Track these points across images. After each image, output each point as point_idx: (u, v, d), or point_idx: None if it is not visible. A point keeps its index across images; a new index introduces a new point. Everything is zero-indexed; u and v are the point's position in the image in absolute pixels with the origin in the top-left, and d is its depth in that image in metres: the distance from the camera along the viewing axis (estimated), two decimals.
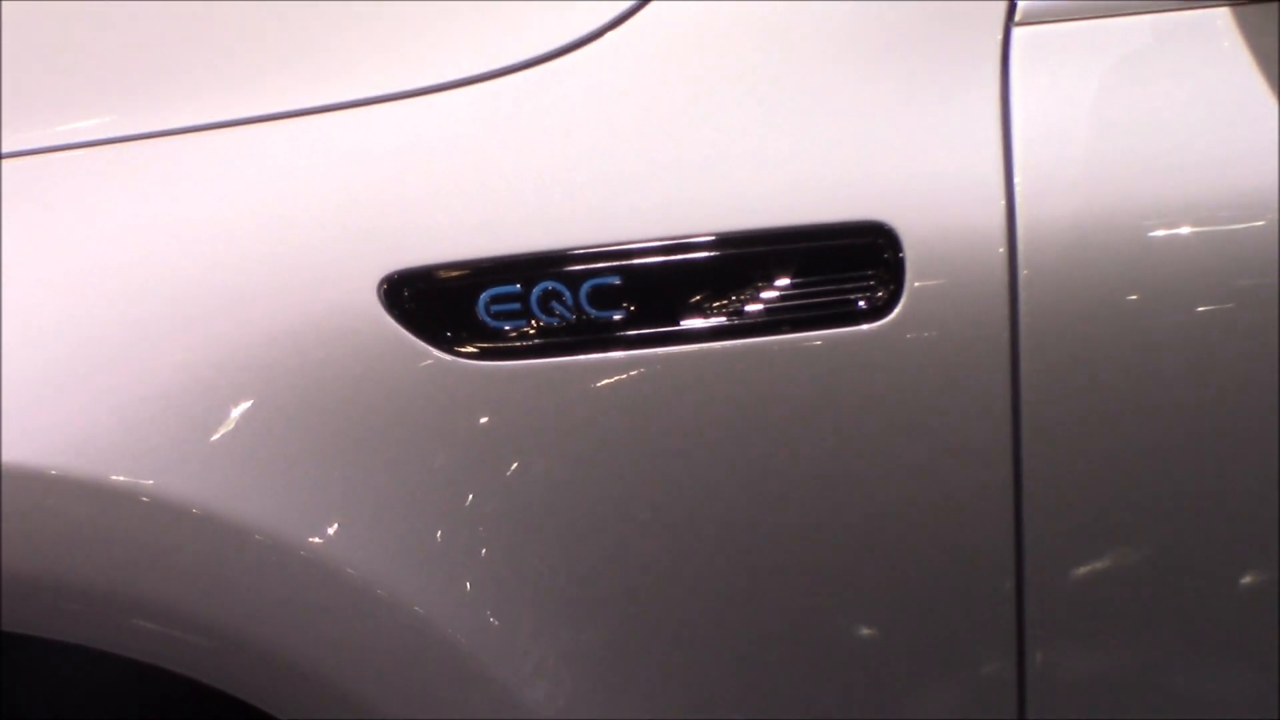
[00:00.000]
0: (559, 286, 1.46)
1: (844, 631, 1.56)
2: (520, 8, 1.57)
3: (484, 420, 1.45)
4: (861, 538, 1.53)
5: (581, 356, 1.47)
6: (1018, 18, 1.55)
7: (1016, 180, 1.49)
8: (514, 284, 1.46)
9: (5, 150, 1.49)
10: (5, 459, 1.38)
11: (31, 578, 1.42)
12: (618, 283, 1.46)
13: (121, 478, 1.39)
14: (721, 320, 1.48)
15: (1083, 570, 1.57)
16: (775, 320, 1.47)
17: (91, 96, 1.55)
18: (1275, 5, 1.60)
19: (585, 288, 1.46)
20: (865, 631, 1.56)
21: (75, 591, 1.43)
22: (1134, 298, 1.50)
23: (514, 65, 1.51)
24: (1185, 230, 1.51)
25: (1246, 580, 1.60)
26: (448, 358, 1.45)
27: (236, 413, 1.41)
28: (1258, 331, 1.53)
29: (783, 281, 1.47)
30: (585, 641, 1.52)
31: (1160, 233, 1.50)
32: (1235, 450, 1.55)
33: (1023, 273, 1.48)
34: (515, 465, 1.46)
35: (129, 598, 1.42)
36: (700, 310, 1.47)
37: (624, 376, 1.48)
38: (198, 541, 1.41)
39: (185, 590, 1.42)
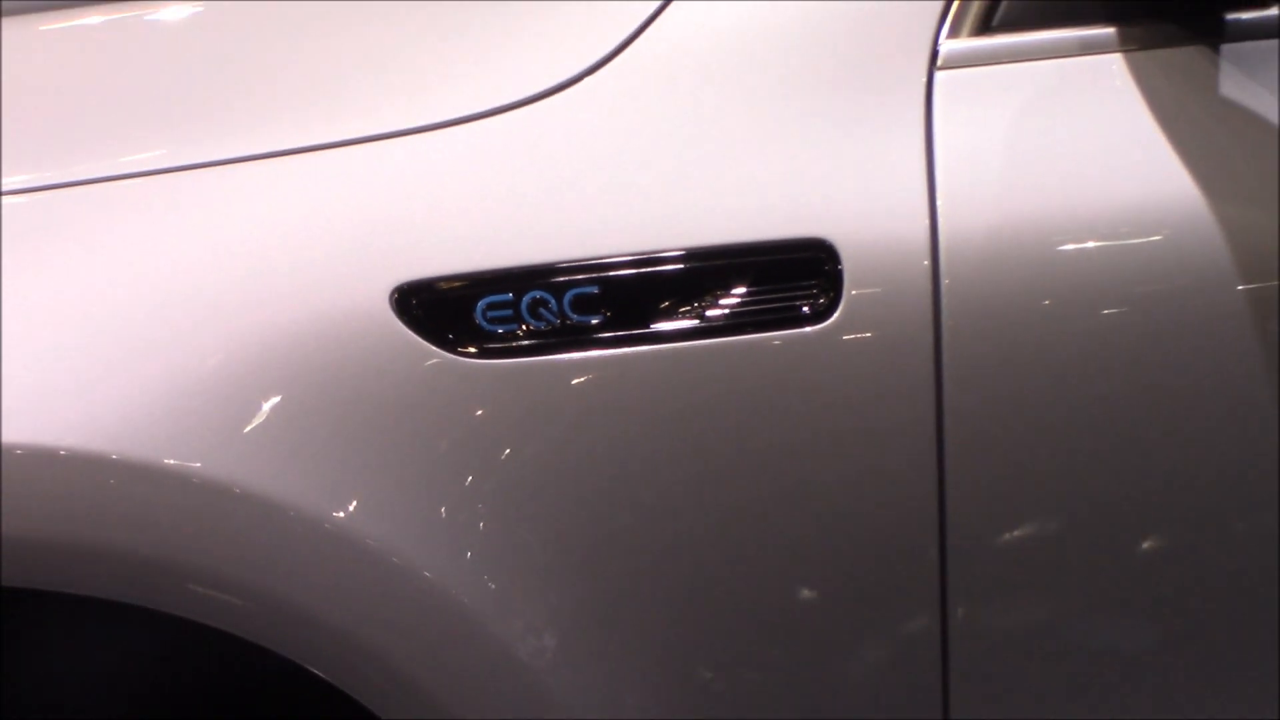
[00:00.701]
0: (545, 295, 1.59)
1: (789, 593, 1.67)
2: (511, 55, 1.70)
3: (480, 412, 1.58)
4: (806, 507, 1.64)
5: (564, 356, 1.59)
6: (939, 63, 1.68)
7: (939, 202, 1.62)
8: (507, 293, 1.58)
9: (79, 178, 1.62)
10: (74, 445, 1.50)
11: (97, 548, 1.54)
12: (596, 292, 1.59)
13: (172, 461, 1.51)
14: (685, 324, 1.60)
15: (999, 538, 1.68)
16: (731, 324, 1.60)
17: (148, 135, 1.67)
18: (1159, 52, 1.73)
19: (568, 296, 1.59)
20: (807, 593, 1.66)
21: (135, 560, 1.54)
22: (1046, 303, 1.63)
23: (505, 106, 1.64)
24: (1088, 244, 1.65)
25: (1147, 545, 1.71)
26: (450, 357, 1.57)
27: (268, 405, 1.53)
28: (1152, 331, 1.66)
29: (739, 290, 1.60)
30: (568, 603, 1.62)
31: (1065, 246, 1.64)
32: (1133, 430, 1.67)
33: (944, 281, 1.61)
34: (508, 451, 1.58)
35: (180, 565, 1.54)
36: (667, 315, 1.60)
37: (602, 373, 1.60)
38: (237, 516, 1.53)
39: (227, 558, 1.54)
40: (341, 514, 1.56)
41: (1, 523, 1.54)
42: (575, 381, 1.61)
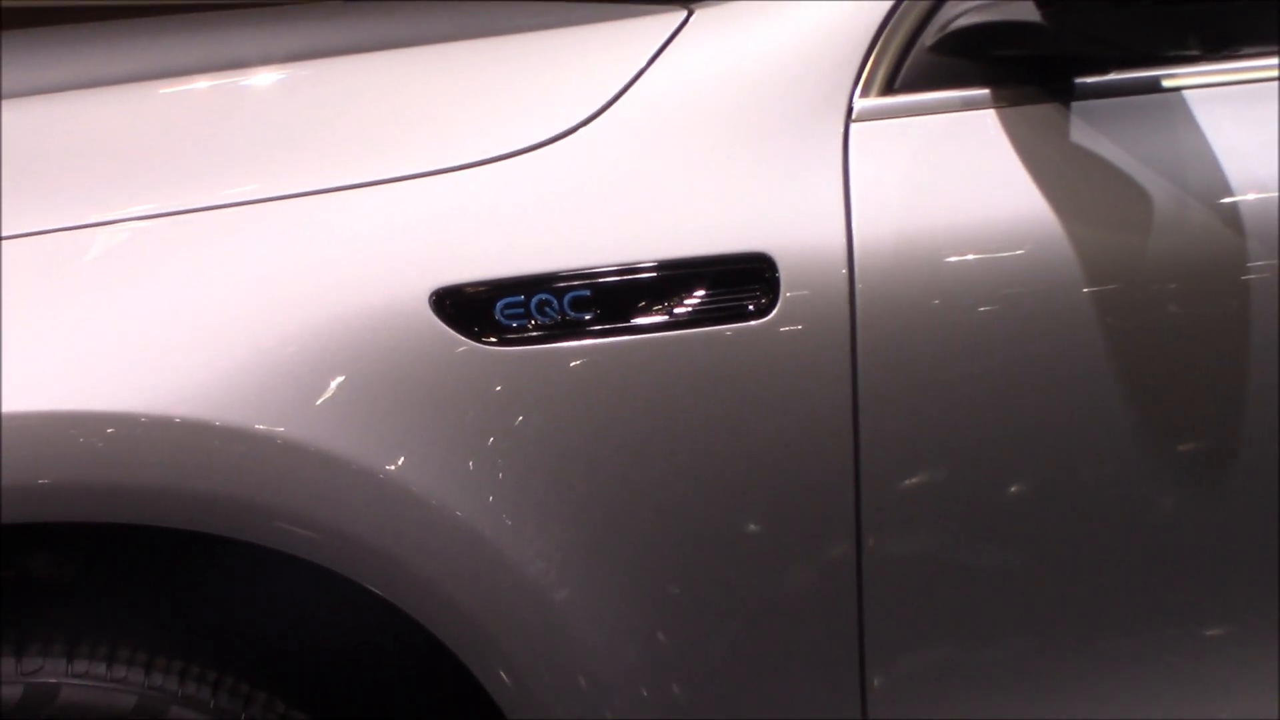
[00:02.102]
0: (549, 297, 1.80)
1: (736, 524, 1.89)
2: (521, 111, 1.92)
3: (499, 387, 1.79)
4: (751, 456, 1.87)
5: (564, 344, 1.81)
6: (854, 116, 1.91)
7: (853, 224, 1.87)
8: (519, 295, 1.80)
9: (196, 206, 1.81)
10: (187, 414, 1.71)
11: (205, 495, 1.74)
12: (588, 294, 1.81)
13: (261, 426, 1.73)
14: (656, 319, 1.83)
15: (902, 482, 1.92)
16: (693, 319, 1.83)
17: (245, 173, 1.86)
18: (1023, 108, 1.97)
19: (566, 298, 1.81)
20: (752, 526, 1.90)
21: (234, 503, 1.75)
22: (935, 301, 1.89)
23: (518, 150, 1.87)
24: (968, 256, 1.90)
25: (1016, 489, 1.96)
26: (475, 345, 1.79)
27: (334, 382, 1.75)
28: (1017, 322, 1.91)
29: (699, 292, 1.84)
30: (570, 536, 1.83)
31: (950, 258, 1.89)
32: (1004, 395, 1.92)
33: (858, 285, 1.85)
34: (520, 418, 1.80)
35: (268, 507, 1.75)
36: (642, 312, 1.83)
37: (593, 357, 1.82)
38: (311, 468, 1.74)
39: (304, 501, 1.75)
40: (391, 466, 1.76)
41: (131, 475, 1.72)
42: (572, 364, 1.82)
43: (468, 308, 1.80)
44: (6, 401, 1.69)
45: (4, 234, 1.77)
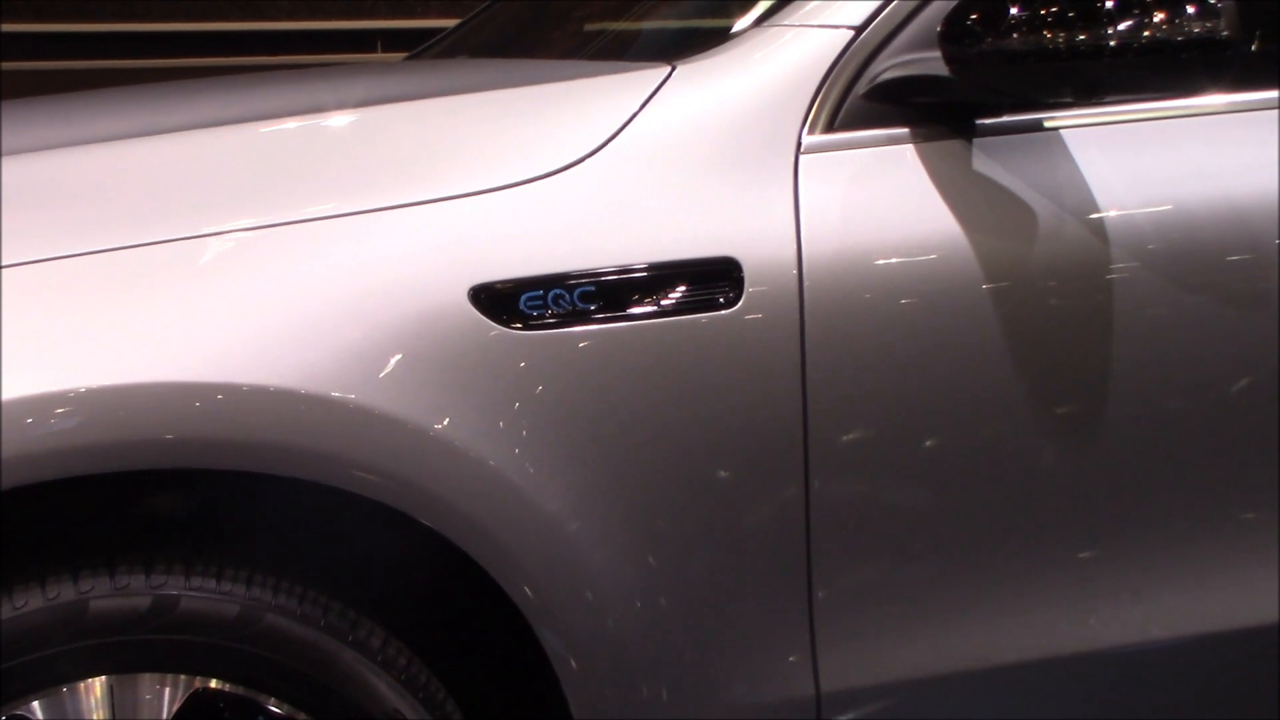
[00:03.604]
0: (562, 291, 1.84)
1: (707, 479, 1.91)
2: (538, 145, 1.94)
3: (523, 363, 1.83)
4: (717, 412, 1.89)
5: (574, 329, 1.85)
6: (802, 149, 1.95)
7: (802, 235, 1.91)
8: (539, 290, 1.84)
9: (284, 219, 1.83)
10: (288, 386, 1.74)
11: (301, 447, 1.77)
12: (594, 289, 1.85)
13: (337, 394, 1.76)
14: (647, 309, 1.86)
15: (844, 436, 1.94)
16: (675, 308, 1.87)
17: (327, 194, 1.88)
18: (936, 143, 1.99)
19: (576, 292, 1.85)
20: (722, 474, 1.91)
21: (321, 455, 1.78)
22: (867, 295, 1.92)
23: (535, 177, 1.90)
24: (892, 259, 1.93)
25: (933, 442, 1.97)
26: (504, 330, 1.83)
27: (394, 360, 1.78)
28: (930, 312, 1.94)
29: (680, 288, 1.87)
30: (579, 479, 1.86)
31: (878, 261, 1.93)
32: (930, 373, 1.95)
33: (806, 282, 1.90)
34: (540, 387, 1.83)
35: (345, 457, 1.78)
36: (637, 303, 1.86)
37: (597, 340, 1.86)
38: (377, 427, 1.78)
39: (374, 454, 1.78)
40: (439, 425, 1.80)
41: (234, 431, 1.74)
42: (580, 345, 1.85)
43: (498, 301, 1.84)
44: (139, 374, 1.72)
45: (137, 242, 1.79)
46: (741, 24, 2.14)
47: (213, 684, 1.80)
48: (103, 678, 1.77)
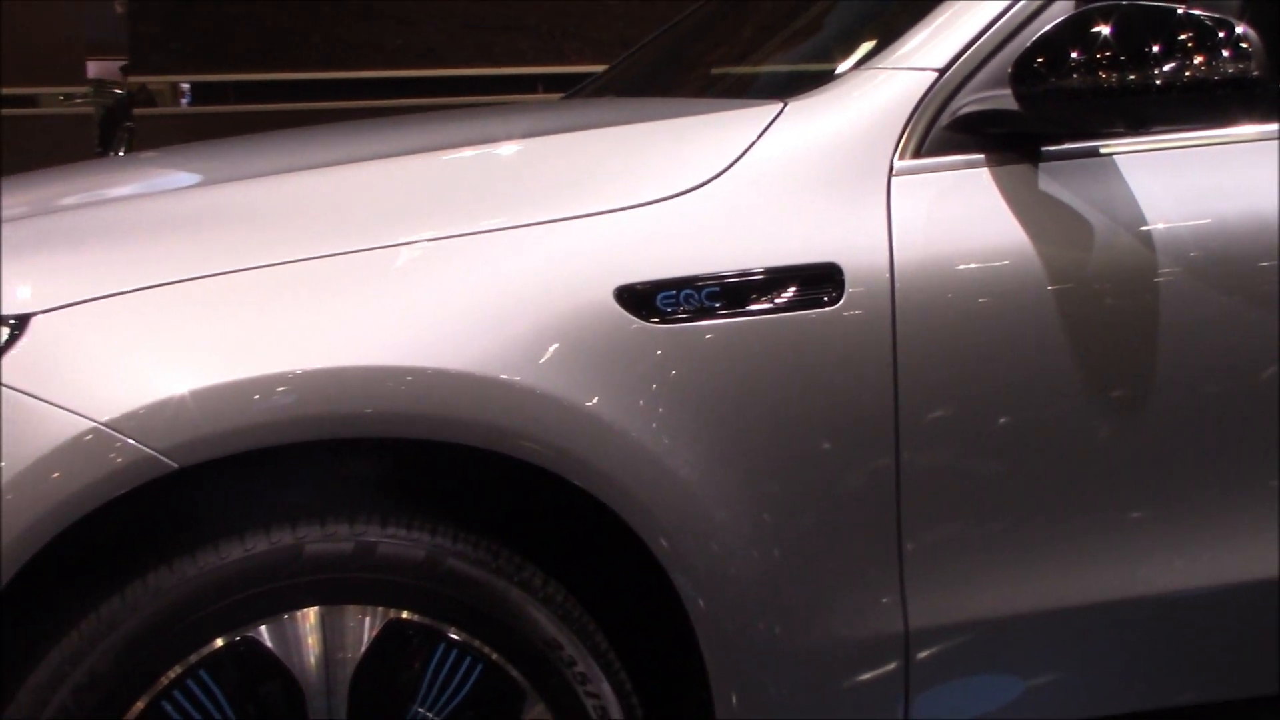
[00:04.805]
0: (692, 292, 1.86)
1: (811, 449, 1.89)
2: (671, 168, 1.95)
3: (659, 352, 1.85)
4: (822, 389, 1.89)
5: (702, 323, 1.86)
6: (894, 172, 1.96)
7: (894, 243, 1.92)
8: (673, 290, 1.86)
9: (462, 231, 1.86)
10: (461, 369, 1.77)
11: (475, 420, 1.80)
12: (718, 290, 1.87)
13: (505, 376, 1.80)
14: (763, 306, 1.88)
15: (927, 415, 1.93)
16: (788, 305, 1.88)
17: (494, 208, 1.91)
18: (1008, 167, 1.98)
19: (704, 292, 1.86)
20: (824, 445, 1.89)
21: (492, 427, 1.81)
22: (949, 295, 1.93)
23: (670, 195, 1.91)
24: (971, 264, 1.94)
25: (1006, 420, 1.96)
26: (643, 323, 1.85)
27: (552, 348, 1.81)
28: (1004, 309, 1.93)
29: (792, 289, 1.89)
30: (706, 449, 1.86)
31: (959, 266, 1.93)
32: (1004, 362, 1.94)
33: (897, 284, 1.91)
34: (673, 371, 1.85)
35: (512, 429, 1.82)
36: (754, 301, 1.88)
37: (722, 332, 1.87)
38: (539, 404, 1.81)
39: (535, 426, 1.82)
40: (590, 403, 1.82)
41: (420, 407, 1.78)
42: (707, 336, 1.87)
43: (638, 299, 1.87)
44: (343, 359, 1.77)
45: (343, 250, 1.84)
46: (843, 67, 2.16)
47: (404, 615, 1.84)
48: (315, 608, 1.81)
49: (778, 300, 1.90)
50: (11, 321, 1.74)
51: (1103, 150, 2.04)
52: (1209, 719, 2.13)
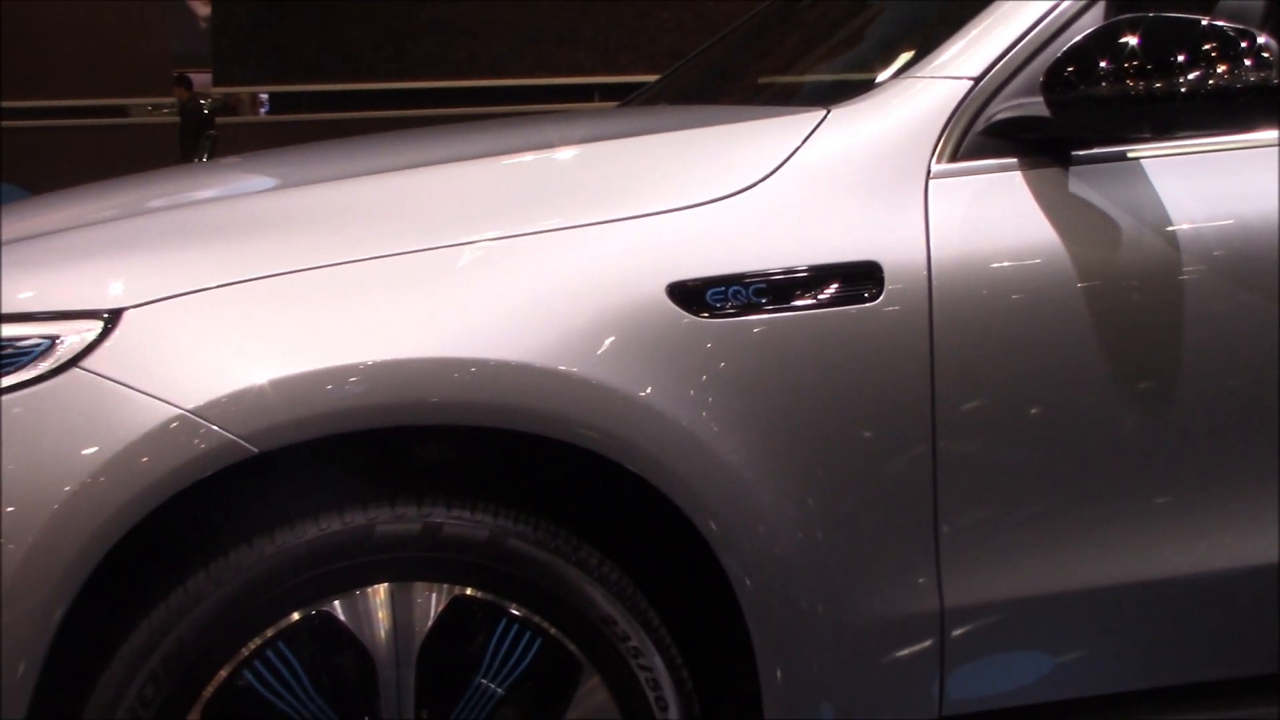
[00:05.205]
0: (740, 288, 1.87)
1: (853, 436, 1.88)
2: (721, 171, 1.95)
3: (709, 345, 1.86)
4: (864, 380, 1.88)
5: (749, 318, 1.87)
6: (931, 175, 1.96)
7: (931, 242, 1.92)
8: (721, 287, 1.87)
9: (522, 230, 1.87)
10: (522, 360, 1.78)
11: (534, 409, 1.81)
12: (765, 286, 1.88)
13: (563, 367, 1.81)
14: (807, 301, 1.88)
15: (962, 405, 1.92)
16: (831, 301, 1.89)
17: (553, 209, 1.91)
18: (1038, 171, 1.97)
19: (751, 288, 1.87)
20: (865, 433, 1.88)
21: (551, 415, 1.82)
22: (984, 292, 1.92)
23: (719, 197, 1.92)
24: (1004, 263, 1.93)
25: (1037, 410, 1.94)
26: (694, 318, 1.86)
27: (608, 340, 1.83)
28: (1036, 304, 1.92)
29: (834, 285, 1.89)
30: (753, 436, 1.86)
31: (993, 264, 1.93)
32: (1034, 354, 1.93)
33: (934, 280, 1.91)
34: (722, 363, 1.86)
35: (571, 417, 1.83)
36: (799, 297, 1.88)
37: (768, 326, 1.87)
38: (595, 394, 1.82)
39: (592, 414, 1.83)
40: (642, 393, 1.84)
41: (483, 396, 1.79)
42: (754, 330, 1.88)
43: (689, 295, 1.88)
44: (411, 351, 1.79)
45: (411, 249, 1.85)
46: (883, 76, 2.15)
47: (469, 591, 1.87)
48: (385, 584, 1.84)
49: (820, 296, 1.90)
50: (105, 315, 1.78)
51: (1130, 155, 2.04)
52: (1226, 695, 2.11)
